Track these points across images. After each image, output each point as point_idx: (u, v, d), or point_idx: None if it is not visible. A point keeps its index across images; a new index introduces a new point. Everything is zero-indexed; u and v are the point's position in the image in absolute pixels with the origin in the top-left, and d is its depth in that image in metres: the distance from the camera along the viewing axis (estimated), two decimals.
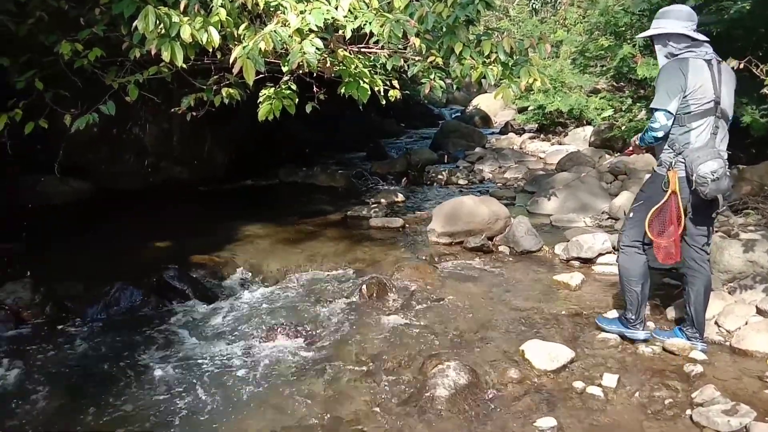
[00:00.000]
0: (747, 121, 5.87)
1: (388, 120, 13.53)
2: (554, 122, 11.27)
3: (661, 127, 3.10)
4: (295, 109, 3.98)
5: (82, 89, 4.47)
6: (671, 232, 3.17)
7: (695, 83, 3.04)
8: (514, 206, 6.68)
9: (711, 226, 3.26)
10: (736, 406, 2.71)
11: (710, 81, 3.07)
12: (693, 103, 3.06)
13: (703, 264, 3.29)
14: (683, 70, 3.05)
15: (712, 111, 3.07)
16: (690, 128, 3.08)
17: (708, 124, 3.08)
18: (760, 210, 5.12)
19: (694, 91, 3.04)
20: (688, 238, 3.28)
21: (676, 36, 3.13)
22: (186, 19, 3.48)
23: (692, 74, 3.04)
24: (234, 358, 3.37)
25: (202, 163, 7.54)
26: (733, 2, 5.93)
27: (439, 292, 4.26)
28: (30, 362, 3.30)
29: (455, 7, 3.98)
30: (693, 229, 3.24)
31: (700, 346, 3.33)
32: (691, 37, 3.11)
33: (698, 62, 3.07)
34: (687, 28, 3.11)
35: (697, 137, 3.08)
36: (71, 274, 4.36)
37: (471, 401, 2.88)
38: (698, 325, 3.34)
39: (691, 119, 3.08)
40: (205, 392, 3.02)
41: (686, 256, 3.32)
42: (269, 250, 5.15)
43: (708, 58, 3.10)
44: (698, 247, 3.27)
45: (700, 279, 3.29)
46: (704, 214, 3.19)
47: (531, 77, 4.14)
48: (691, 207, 3.16)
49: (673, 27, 3.13)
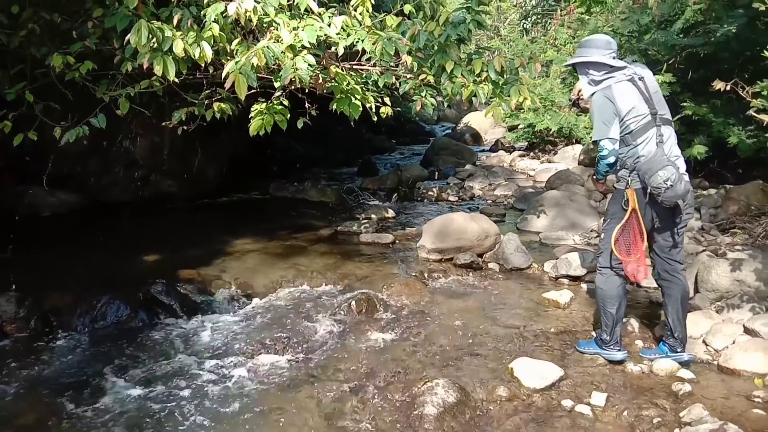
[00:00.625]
0: (734, 141, 5.96)
1: (380, 136, 13.58)
2: (544, 140, 11.35)
3: (610, 152, 3.22)
4: (287, 124, 3.99)
5: (72, 102, 4.46)
6: (636, 249, 3.22)
7: (627, 105, 3.17)
8: (503, 223, 6.70)
9: (678, 235, 3.30)
10: (723, 425, 2.71)
11: (640, 97, 3.20)
12: (632, 123, 3.18)
13: (676, 274, 3.34)
14: (610, 98, 3.20)
15: (651, 123, 3.19)
16: (636, 144, 3.19)
17: (652, 136, 3.18)
18: (747, 229, 5.17)
19: (629, 112, 3.17)
20: (658, 250, 3.34)
21: (596, 64, 3.28)
22: (179, 34, 3.49)
23: (620, 98, 3.18)
24: (221, 374, 3.34)
25: (193, 177, 7.51)
26: (719, 25, 6.04)
27: (429, 308, 4.25)
28: (12, 377, 3.25)
29: (447, 26, 4.03)
30: (661, 240, 3.31)
31: (686, 356, 3.34)
32: (610, 64, 3.25)
33: (622, 85, 3.21)
34: (605, 56, 3.26)
35: (645, 150, 3.17)
36: (57, 287, 4.31)
37: (460, 419, 2.87)
38: (679, 335, 3.35)
39: (634, 137, 3.19)
40: (192, 408, 2.99)
41: (659, 269, 3.39)
42: (258, 264, 5.13)
43: (629, 77, 3.23)
44: (669, 259, 3.33)
45: (675, 289, 3.33)
46: (669, 224, 3.25)
47: (521, 96, 4.19)
48: (657, 218, 3.22)
49: (592, 55, 3.29)
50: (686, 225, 3.34)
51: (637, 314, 3.98)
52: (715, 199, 6.16)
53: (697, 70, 6.96)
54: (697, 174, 7.10)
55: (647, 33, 7.29)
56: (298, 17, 3.83)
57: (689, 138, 6.65)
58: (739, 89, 4.33)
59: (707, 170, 7.01)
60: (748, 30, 5.94)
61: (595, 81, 3.29)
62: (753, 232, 5.05)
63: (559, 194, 6.84)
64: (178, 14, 3.60)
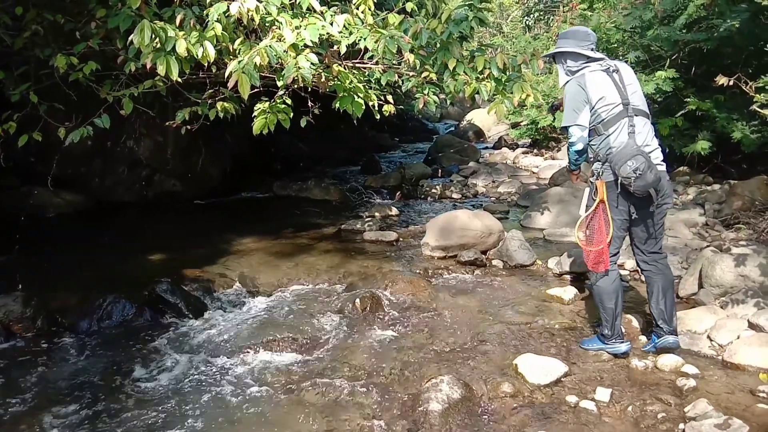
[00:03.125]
0: (738, 137, 5.93)
1: (383, 134, 13.58)
2: (547, 137, 11.33)
3: (578, 139, 3.29)
4: (290, 123, 4.00)
5: (76, 102, 4.48)
6: (600, 240, 3.25)
7: (597, 93, 3.20)
8: (507, 220, 6.70)
9: (656, 225, 3.31)
10: (728, 420, 2.71)
11: (613, 87, 3.21)
12: (602, 111, 3.21)
13: (656, 263, 3.37)
14: (581, 85, 3.24)
15: (623, 113, 3.20)
16: (608, 134, 3.21)
17: (623, 126, 3.19)
18: (751, 225, 5.16)
19: (600, 100, 3.20)
20: (637, 241, 3.38)
21: (573, 54, 3.33)
22: (182, 34, 3.50)
23: (591, 86, 3.21)
24: (227, 372, 3.35)
25: (196, 176, 7.54)
26: (722, 21, 6.01)
27: (433, 305, 4.26)
28: (19, 376, 3.27)
29: (449, 24, 4.02)
30: (639, 232, 3.34)
31: (671, 339, 3.36)
32: (587, 55, 3.30)
33: (596, 74, 3.24)
34: (583, 47, 3.31)
35: (616, 140, 3.19)
36: (63, 287, 4.34)
37: (464, 415, 2.88)
38: (663, 321, 3.36)
39: (606, 126, 3.21)
40: (198, 407, 3.00)
41: (639, 260, 3.44)
42: (263, 263, 5.14)
43: (605, 68, 3.26)
44: (647, 251, 3.36)
45: (657, 279, 3.36)
46: (646, 214, 3.25)
47: (524, 93, 4.18)
48: (634, 210, 3.23)
49: (570, 46, 3.34)
50: (664, 215, 3.35)
51: (639, 311, 3.97)
52: (719, 195, 6.15)
53: (700, 66, 6.93)
54: (701, 169, 7.09)
55: (650, 29, 7.26)
56: (301, 16, 3.83)
57: (693, 133, 6.64)
58: (743, 84, 4.33)
59: (711, 166, 6.99)
60: (752, 25, 5.92)
61: (571, 71, 3.35)
62: (757, 228, 5.04)
63: (562, 191, 6.83)
64: (180, 14, 3.61)
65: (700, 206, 6.05)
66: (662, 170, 3.21)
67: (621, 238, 3.35)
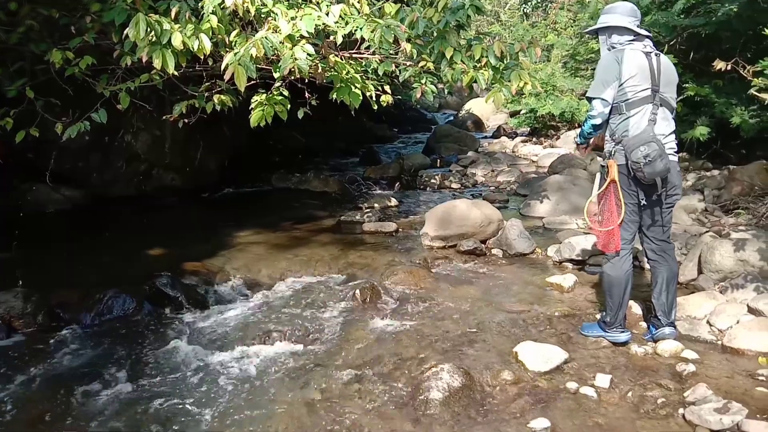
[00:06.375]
0: (736, 122, 5.93)
1: (381, 125, 13.56)
2: (546, 125, 11.33)
3: (599, 114, 3.21)
4: (288, 115, 3.99)
5: (73, 97, 4.47)
6: (611, 221, 3.22)
7: (630, 71, 3.13)
8: (506, 209, 6.70)
9: (663, 215, 3.28)
10: (727, 404, 2.73)
11: (647, 70, 3.16)
12: (630, 91, 3.15)
13: (663, 254, 3.35)
14: (618, 60, 3.16)
15: (649, 98, 3.15)
16: (628, 116, 3.16)
17: (645, 112, 3.15)
18: (750, 210, 5.17)
19: (630, 79, 3.13)
20: (645, 229, 3.35)
21: (619, 29, 3.25)
22: (177, 27, 3.49)
23: (627, 63, 3.14)
24: (228, 365, 3.37)
25: (195, 170, 7.53)
26: (720, 5, 5.99)
27: (433, 295, 4.27)
28: (20, 372, 3.28)
29: (446, 12, 4.01)
30: (647, 219, 3.31)
31: (667, 331, 3.36)
32: (634, 31, 3.22)
33: (635, 53, 3.17)
34: (630, 22, 3.23)
35: (635, 125, 3.14)
36: (64, 282, 4.34)
37: (465, 403, 2.89)
38: (662, 313, 3.36)
39: (629, 107, 3.16)
40: (200, 400, 3.02)
41: (646, 248, 3.40)
42: (262, 256, 5.15)
43: (647, 51, 3.20)
44: (655, 239, 3.33)
45: (662, 269, 3.35)
46: (654, 202, 3.24)
47: (522, 81, 4.17)
48: (643, 197, 3.21)
49: (616, 21, 3.25)
50: (673, 205, 3.32)
51: (642, 298, 3.98)
52: (718, 180, 6.15)
53: (698, 51, 6.92)
54: (701, 155, 7.08)
55: (648, 14, 7.23)
56: (296, 7, 3.82)
57: (692, 119, 6.62)
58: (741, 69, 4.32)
59: (710, 151, 6.98)
60: (749, 9, 5.89)
61: (614, 47, 3.26)
62: (757, 212, 5.05)
63: (561, 179, 6.83)
64: (175, 7, 3.60)
65: (699, 192, 6.05)
66: (674, 161, 3.18)
67: (634, 223, 3.30)
